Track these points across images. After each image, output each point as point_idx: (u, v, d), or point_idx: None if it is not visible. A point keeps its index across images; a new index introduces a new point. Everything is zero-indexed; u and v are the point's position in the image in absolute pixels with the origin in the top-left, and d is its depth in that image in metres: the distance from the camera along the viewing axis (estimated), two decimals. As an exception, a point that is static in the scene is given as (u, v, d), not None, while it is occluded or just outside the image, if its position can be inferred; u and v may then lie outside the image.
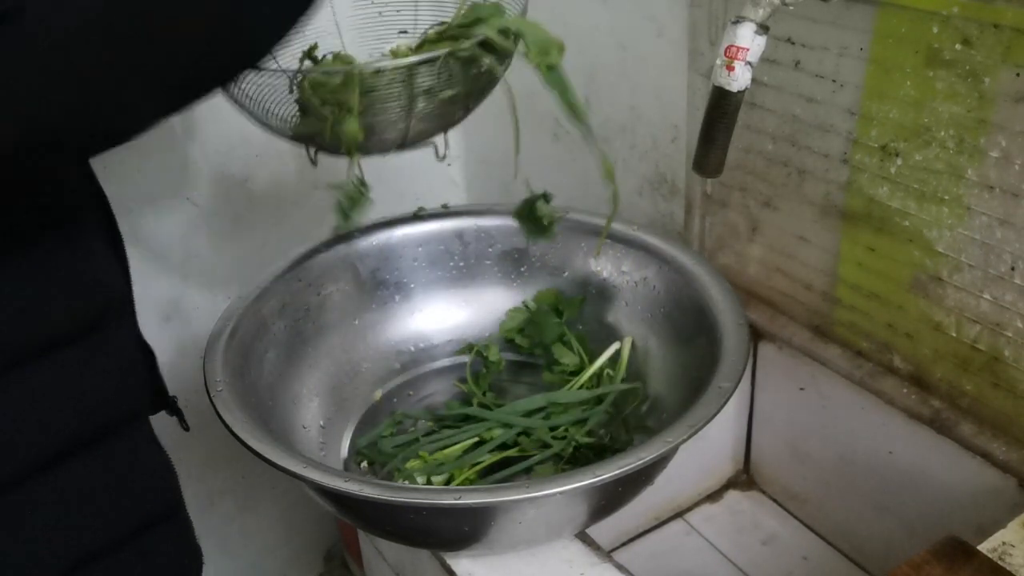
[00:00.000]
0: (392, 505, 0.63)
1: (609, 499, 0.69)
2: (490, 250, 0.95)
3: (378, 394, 0.89)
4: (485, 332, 0.94)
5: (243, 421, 0.69)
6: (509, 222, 0.87)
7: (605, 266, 0.91)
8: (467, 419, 0.84)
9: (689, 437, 0.64)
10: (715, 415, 0.66)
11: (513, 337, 0.92)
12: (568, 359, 0.88)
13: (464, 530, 0.67)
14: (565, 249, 0.93)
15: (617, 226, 0.90)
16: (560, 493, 0.61)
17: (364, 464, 0.83)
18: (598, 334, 0.90)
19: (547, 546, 0.70)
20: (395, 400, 0.90)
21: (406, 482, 0.78)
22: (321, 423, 0.84)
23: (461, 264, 0.95)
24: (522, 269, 0.95)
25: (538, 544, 0.70)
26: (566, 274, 0.93)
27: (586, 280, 0.92)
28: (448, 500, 0.61)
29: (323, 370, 0.87)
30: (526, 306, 0.93)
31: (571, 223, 0.91)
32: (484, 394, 0.87)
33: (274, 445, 0.67)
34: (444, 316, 0.95)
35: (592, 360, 0.87)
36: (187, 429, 0.72)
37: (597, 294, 0.91)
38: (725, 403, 0.67)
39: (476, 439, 0.81)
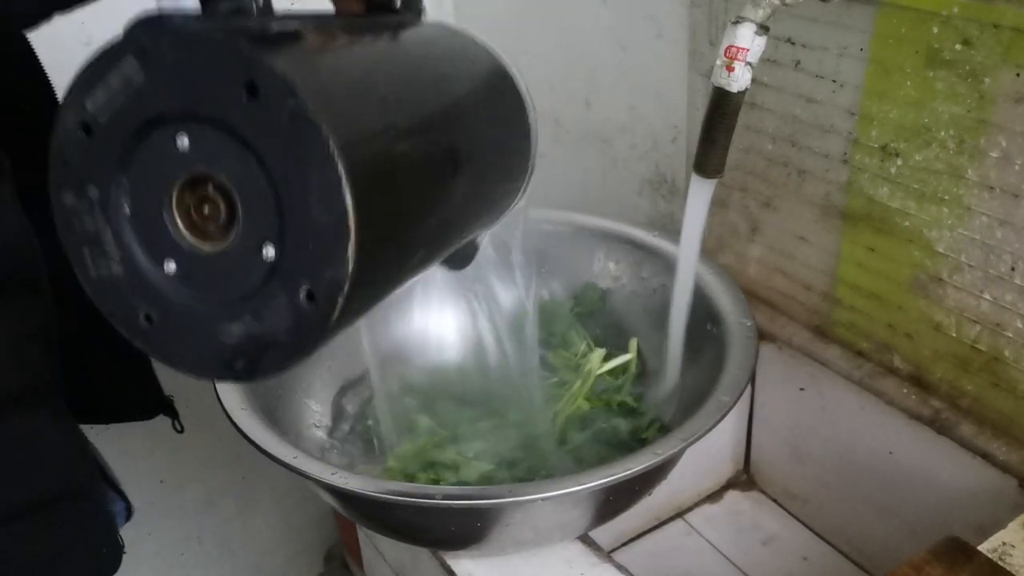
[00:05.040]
0: (376, 501, 0.63)
1: (601, 507, 0.69)
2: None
3: (395, 380, 0.90)
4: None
5: (242, 409, 0.69)
6: (532, 221, 0.87)
7: (624, 271, 0.91)
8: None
9: (681, 451, 0.64)
10: (710, 429, 0.65)
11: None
12: (576, 347, 0.89)
13: (451, 530, 0.67)
14: (585, 252, 0.93)
15: (637, 232, 0.90)
16: (542, 499, 0.61)
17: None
18: (615, 339, 0.90)
19: (547, 546, 0.70)
20: (407, 391, 0.90)
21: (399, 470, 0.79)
22: (331, 409, 0.85)
23: (481, 262, 0.96)
24: (542, 271, 0.95)
25: (534, 547, 0.70)
26: (585, 278, 0.93)
27: (604, 284, 0.93)
28: (429, 499, 0.61)
29: (339, 360, 0.88)
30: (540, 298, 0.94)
31: (589, 228, 0.92)
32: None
33: (269, 432, 0.67)
34: (461, 312, 0.95)
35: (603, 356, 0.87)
36: (181, 431, 0.72)
37: (615, 299, 0.92)
38: (722, 418, 0.66)
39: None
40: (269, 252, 0.37)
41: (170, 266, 0.40)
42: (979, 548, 0.64)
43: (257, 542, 1.33)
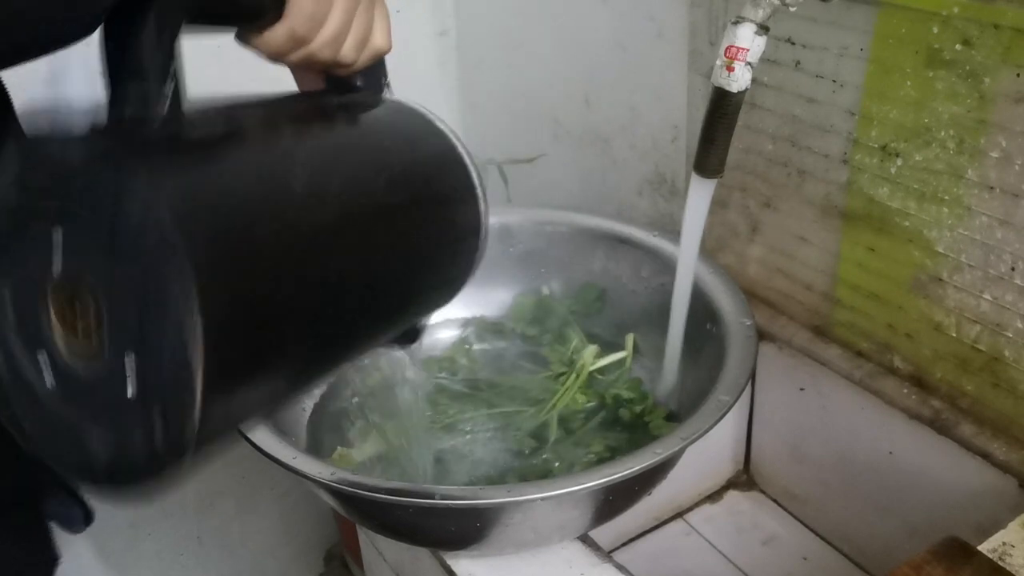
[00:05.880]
0: (376, 501, 0.63)
1: (601, 507, 0.69)
2: (511, 250, 0.95)
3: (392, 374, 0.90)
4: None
5: None
6: (532, 221, 0.88)
7: (624, 271, 0.91)
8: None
9: (681, 450, 0.64)
10: (709, 429, 0.65)
11: (521, 329, 0.94)
12: (570, 343, 0.90)
13: (451, 530, 0.67)
14: (585, 252, 0.93)
15: (637, 232, 0.91)
16: (541, 499, 0.61)
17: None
18: (615, 338, 0.90)
19: (547, 546, 0.70)
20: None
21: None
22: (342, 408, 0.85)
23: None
24: (542, 271, 0.95)
25: (534, 547, 0.70)
26: (585, 277, 0.93)
27: (604, 283, 0.93)
28: (428, 499, 0.61)
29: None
30: (536, 293, 0.95)
31: (589, 228, 0.92)
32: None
33: (269, 432, 0.67)
34: (459, 312, 0.95)
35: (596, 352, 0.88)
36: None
37: (615, 298, 0.92)
38: (722, 417, 0.66)
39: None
40: (131, 363, 0.35)
41: (43, 359, 0.38)
42: (979, 548, 0.64)
43: (257, 542, 1.33)
